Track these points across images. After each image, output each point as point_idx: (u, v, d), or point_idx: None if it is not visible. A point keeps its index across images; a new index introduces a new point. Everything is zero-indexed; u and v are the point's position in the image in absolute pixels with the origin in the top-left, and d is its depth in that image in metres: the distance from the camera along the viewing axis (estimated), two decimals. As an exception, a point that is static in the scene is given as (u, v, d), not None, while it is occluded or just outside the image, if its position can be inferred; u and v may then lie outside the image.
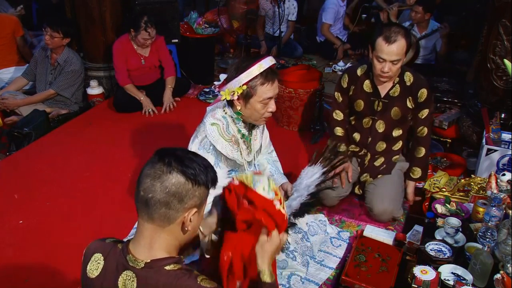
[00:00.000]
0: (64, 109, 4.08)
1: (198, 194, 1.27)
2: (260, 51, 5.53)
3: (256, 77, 1.97)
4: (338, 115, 2.82)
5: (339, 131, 2.83)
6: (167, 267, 1.25)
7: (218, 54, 5.46)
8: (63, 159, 3.43)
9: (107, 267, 1.31)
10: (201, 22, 4.92)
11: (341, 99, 2.79)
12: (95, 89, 4.27)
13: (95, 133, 3.80)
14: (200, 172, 1.27)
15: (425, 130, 2.70)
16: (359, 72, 2.69)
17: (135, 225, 2.71)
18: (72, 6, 4.43)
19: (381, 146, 2.78)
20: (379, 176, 2.78)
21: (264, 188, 1.47)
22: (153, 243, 1.27)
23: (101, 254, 1.34)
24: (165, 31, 4.35)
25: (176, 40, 4.57)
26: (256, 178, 1.50)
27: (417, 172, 2.76)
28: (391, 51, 2.40)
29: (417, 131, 2.71)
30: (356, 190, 2.89)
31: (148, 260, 1.26)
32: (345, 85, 2.73)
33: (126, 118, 4.06)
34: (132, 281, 1.26)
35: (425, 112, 2.66)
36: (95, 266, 1.33)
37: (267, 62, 1.99)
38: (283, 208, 1.51)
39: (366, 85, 2.67)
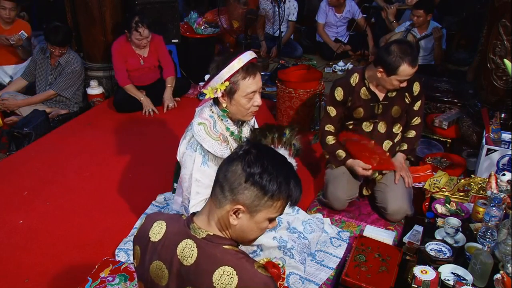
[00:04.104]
0: (64, 109, 4.09)
1: (250, 194, 1.19)
2: (260, 51, 5.52)
3: (237, 71, 1.95)
4: (330, 128, 2.82)
5: (331, 139, 2.82)
6: (225, 246, 1.25)
7: (218, 54, 5.44)
8: (63, 159, 3.43)
9: (169, 232, 1.32)
10: (201, 22, 4.92)
11: (334, 113, 2.77)
12: (95, 89, 4.27)
13: (95, 133, 3.80)
14: (267, 176, 1.18)
15: (419, 119, 2.83)
16: (352, 82, 2.69)
17: (136, 225, 2.74)
18: (72, 6, 4.43)
19: (387, 145, 2.79)
20: (385, 172, 2.79)
21: None
22: (210, 218, 1.28)
23: (164, 221, 1.35)
24: (165, 31, 4.35)
25: (176, 40, 4.57)
26: None
27: (403, 146, 2.83)
28: (414, 71, 2.52)
29: (411, 122, 2.83)
30: (364, 191, 2.88)
31: (211, 233, 1.26)
32: (340, 98, 2.71)
33: (126, 118, 4.06)
34: (192, 250, 1.26)
35: (418, 104, 2.78)
36: (158, 230, 1.34)
37: (247, 56, 1.97)
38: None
39: (363, 93, 2.69)
